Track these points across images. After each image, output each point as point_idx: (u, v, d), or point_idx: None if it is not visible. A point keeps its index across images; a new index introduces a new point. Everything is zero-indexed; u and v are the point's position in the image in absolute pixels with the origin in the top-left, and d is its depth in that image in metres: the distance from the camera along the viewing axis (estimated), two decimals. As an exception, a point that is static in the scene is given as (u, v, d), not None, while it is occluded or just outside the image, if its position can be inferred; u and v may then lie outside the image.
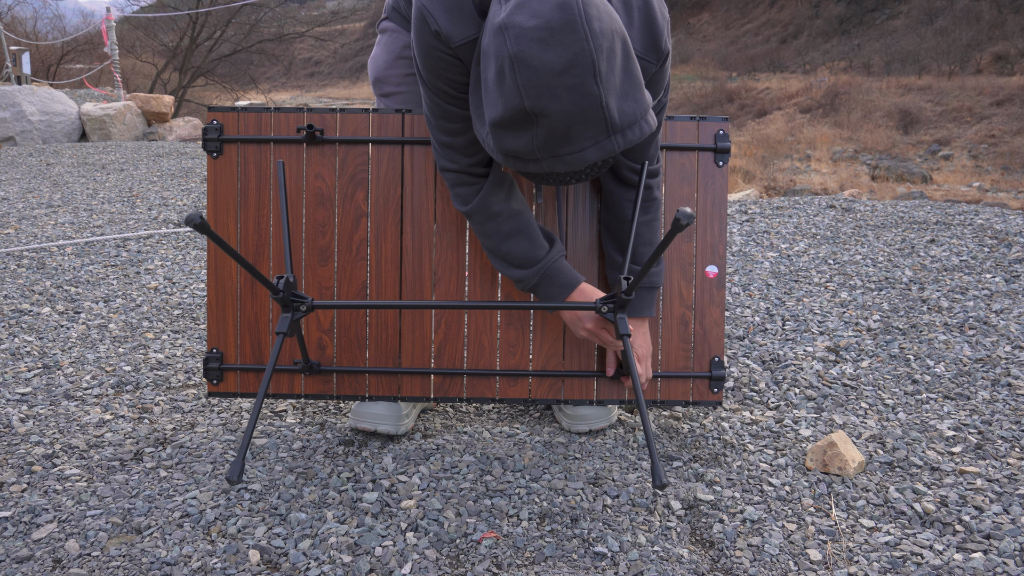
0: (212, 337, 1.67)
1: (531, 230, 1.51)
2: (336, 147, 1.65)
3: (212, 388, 1.68)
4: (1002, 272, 2.77)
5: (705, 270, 1.68)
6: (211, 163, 1.66)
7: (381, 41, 1.77)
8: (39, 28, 22.08)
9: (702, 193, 1.69)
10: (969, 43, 30.39)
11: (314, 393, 1.67)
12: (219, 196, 1.66)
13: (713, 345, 1.69)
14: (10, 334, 2.34)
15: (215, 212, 1.66)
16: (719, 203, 1.69)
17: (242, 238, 1.66)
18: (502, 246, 1.51)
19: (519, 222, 1.50)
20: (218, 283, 1.67)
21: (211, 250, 1.66)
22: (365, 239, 1.65)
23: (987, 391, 1.91)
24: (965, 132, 20.95)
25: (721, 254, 1.69)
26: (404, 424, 1.67)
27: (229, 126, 1.66)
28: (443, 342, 1.67)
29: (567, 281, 1.52)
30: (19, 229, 3.73)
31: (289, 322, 1.43)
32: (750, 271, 2.90)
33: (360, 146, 1.65)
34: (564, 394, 1.68)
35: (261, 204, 1.66)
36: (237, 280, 1.66)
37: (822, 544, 1.33)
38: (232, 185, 1.66)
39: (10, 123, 7.97)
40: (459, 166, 1.48)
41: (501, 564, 1.28)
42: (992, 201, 8.93)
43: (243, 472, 1.36)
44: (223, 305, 1.67)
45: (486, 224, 1.50)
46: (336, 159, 1.65)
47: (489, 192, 1.48)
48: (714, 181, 1.69)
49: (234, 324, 1.67)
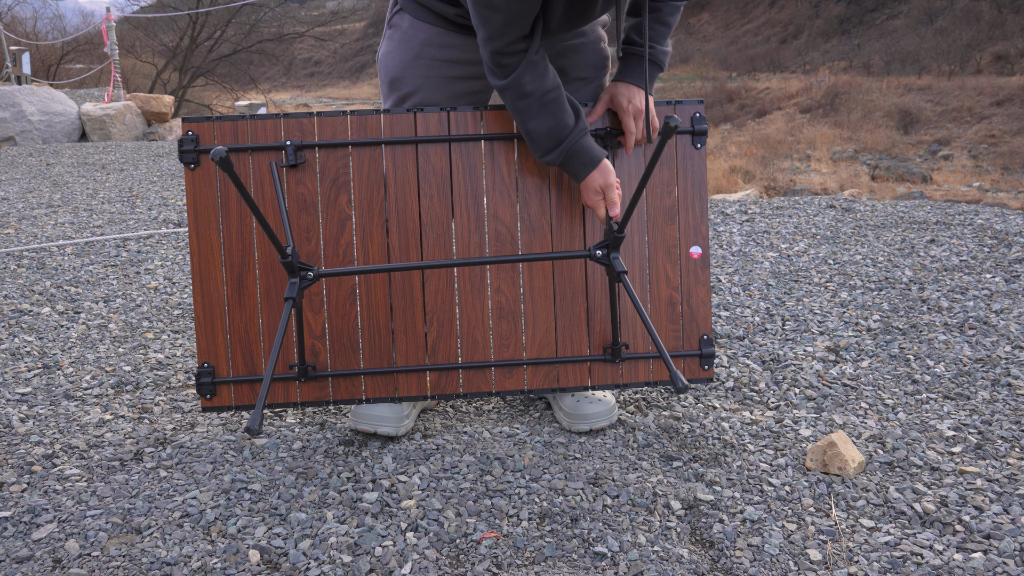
0: (202, 351, 1.65)
1: (559, 107, 1.55)
2: (316, 151, 1.63)
3: (206, 403, 1.66)
4: (1002, 272, 2.77)
5: (689, 251, 1.70)
6: (189, 175, 1.62)
7: (394, 37, 1.71)
8: (39, 28, 22.08)
9: (682, 175, 1.71)
10: (969, 43, 30.38)
11: (310, 400, 1.66)
12: (200, 208, 1.63)
13: (701, 324, 1.72)
14: (10, 334, 2.34)
15: (196, 224, 1.63)
16: (699, 184, 1.72)
17: (226, 249, 1.63)
18: (529, 124, 1.55)
19: (548, 100, 1.54)
20: (205, 296, 1.64)
21: (195, 263, 1.63)
22: (351, 242, 1.64)
23: (987, 391, 1.91)
24: (965, 132, 20.94)
25: (704, 235, 1.72)
26: (404, 425, 1.67)
27: (205, 136, 1.62)
28: (436, 340, 1.67)
29: (589, 159, 1.57)
30: (19, 229, 3.73)
31: (297, 288, 1.43)
32: (750, 271, 2.90)
33: (340, 149, 1.63)
34: (560, 382, 1.69)
35: (243, 213, 1.63)
36: (224, 292, 1.64)
37: (822, 544, 1.33)
38: (212, 196, 1.63)
39: (10, 123, 7.97)
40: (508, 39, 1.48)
41: (501, 564, 1.28)
42: (992, 201, 8.93)
43: (262, 423, 1.36)
44: (211, 318, 1.64)
45: (517, 102, 1.54)
46: (317, 163, 1.63)
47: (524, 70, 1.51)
48: (693, 163, 1.72)
49: (224, 336, 1.65)
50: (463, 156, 1.66)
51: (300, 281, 1.46)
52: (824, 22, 41.39)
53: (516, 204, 1.67)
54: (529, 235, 1.68)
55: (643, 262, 1.70)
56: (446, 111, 1.64)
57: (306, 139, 1.62)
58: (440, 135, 1.65)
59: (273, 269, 1.64)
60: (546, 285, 1.69)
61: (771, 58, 38.60)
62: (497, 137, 1.66)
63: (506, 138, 1.66)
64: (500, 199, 1.67)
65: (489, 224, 1.67)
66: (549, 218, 1.68)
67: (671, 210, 1.71)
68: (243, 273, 1.63)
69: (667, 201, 1.70)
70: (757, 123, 24.94)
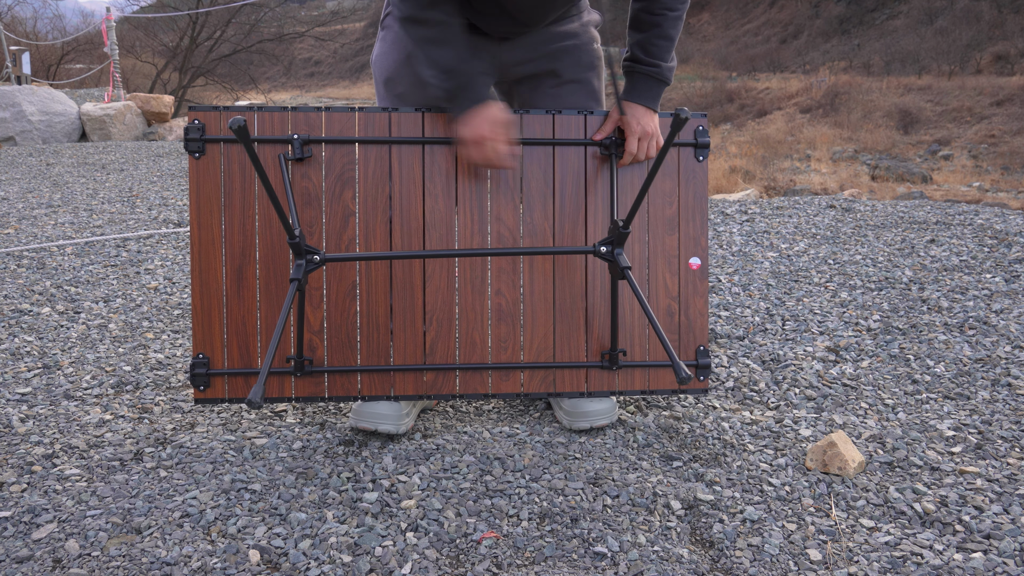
0: (198, 342, 1.64)
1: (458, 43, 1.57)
2: (323, 146, 1.63)
3: (199, 395, 1.64)
4: (1002, 272, 2.77)
5: (688, 262, 1.71)
6: (193, 163, 1.63)
7: (387, 38, 1.74)
8: (39, 28, 22.09)
9: (683, 187, 1.72)
10: (969, 43, 30.38)
11: (306, 396, 1.66)
12: (203, 197, 1.62)
13: (698, 334, 1.73)
14: (10, 334, 2.34)
15: (198, 213, 1.62)
16: (700, 197, 1.73)
17: (227, 239, 1.63)
18: (432, 52, 1.57)
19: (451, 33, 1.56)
20: (203, 287, 1.63)
21: (195, 252, 1.63)
22: (354, 238, 1.64)
23: (987, 391, 1.91)
24: (965, 132, 20.94)
25: (703, 246, 1.73)
26: (404, 423, 1.67)
27: (211, 126, 1.62)
28: (435, 340, 1.67)
29: (477, 96, 1.57)
30: (19, 229, 3.73)
31: (304, 270, 1.43)
32: (750, 271, 2.90)
33: (347, 145, 1.63)
34: (556, 387, 1.69)
35: (246, 204, 1.63)
36: (223, 283, 1.63)
37: (822, 544, 1.33)
38: (216, 186, 1.63)
39: (10, 123, 7.97)
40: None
41: (501, 564, 1.28)
42: (992, 201, 8.94)
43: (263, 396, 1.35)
44: (208, 309, 1.63)
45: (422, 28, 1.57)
46: (323, 158, 1.63)
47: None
48: (695, 175, 1.73)
49: (220, 328, 1.64)
50: None
51: (306, 264, 1.45)
52: (824, 22, 41.39)
53: (520, 207, 1.67)
54: (531, 239, 1.68)
55: (643, 271, 1.71)
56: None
57: (313, 134, 1.62)
58: (447, 136, 1.65)
59: (274, 262, 1.63)
60: (546, 289, 1.69)
61: (771, 58, 38.60)
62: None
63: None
64: (504, 202, 1.67)
65: (492, 226, 1.67)
66: (552, 223, 1.68)
67: (672, 220, 1.72)
68: (243, 265, 1.63)
69: (668, 211, 1.71)
70: (757, 123, 24.94)
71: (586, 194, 1.69)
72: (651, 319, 1.47)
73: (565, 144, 1.68)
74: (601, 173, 1.70)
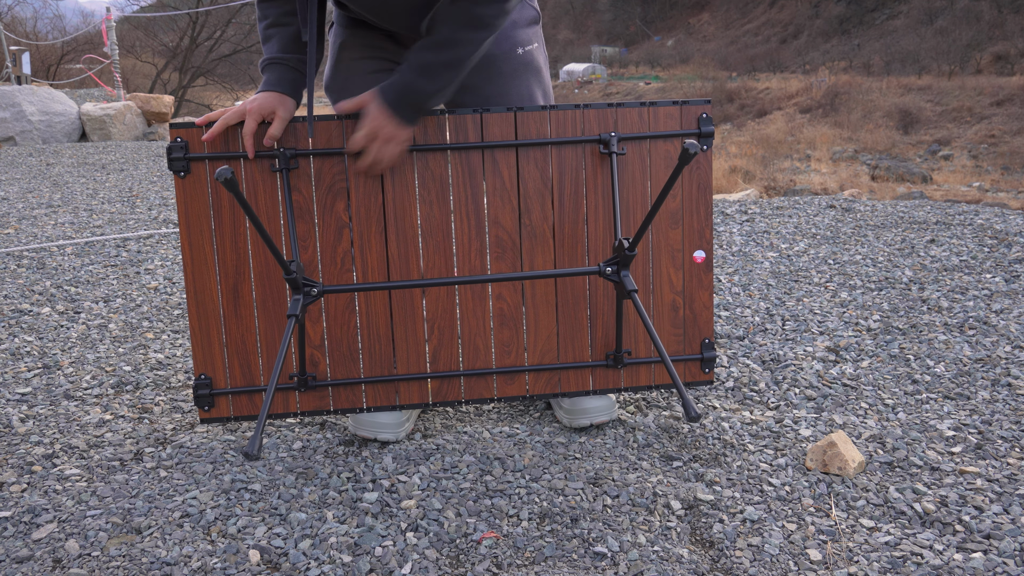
0: (199, 363, 1.62)
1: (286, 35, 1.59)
2: (311, 158, 1.59)
3: (204, 415, 1.64)
4: (1002, 272, 2.77)
5: (693, 255, 1.69)
6: (179, 183, 1.57)
7: (330, 53, 1.78)
8: (39, 28, 22.09)
9: (687, 178, 1.68)
10: (969, 43, 30.38)
11: (311, 410, 1.65)
12: (191, 216, 1.58)
13: (703, 328, 1.72)
14: (10, 334, 2.34)
15: (188, 234, 1.58)
16: (704, 188, 1.69)
17: (220, 258, 1.60)
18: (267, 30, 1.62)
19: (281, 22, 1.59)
20: (200, 307, 1.61)
21: (188, 273, 1.60)
22: (349, 250, 1.61)
23: (987, 391, 1.91)
24: (965, 132, 20.95)
25: (708, 239, 1.70)
26: (404, 429, 1.67)
27: (194, 142, 1.57)
28: (437, 348, 1.66)
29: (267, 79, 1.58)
30: (19, 229, 3.73)
31: (301, 305, 1.42)
32: (750, 271, 2.90)
33: (335, 155, 1.59)
34: (561, 387, 1.69)
35: (237, 222, 1.59)
36: (219, 303, 1.61)
37: (822, 544, 1.33)
38: (204, 205, 1.58)
39: (10, 123, 7.97)
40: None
41: (501, 564, 1.28)
42: (992, 201, 8.94)
43: (261, 448, 1.35)
44: (207, 329, 1.61)
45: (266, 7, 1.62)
46: (311, 170, 1.59)
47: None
48: (699, 166, 1.68)
49: (220, 348, 1.62)
50: (463, 161, 1.63)
51: (303, 298, 1.43)
52: (824, 22, 41.39)
53: (517, 210, 1.65)
54: (531, 241, 1.65)
55: (647, 266, 1.69)
56: (444, 114, 1.63)
57: (300, 145, 1.58)
58: (439, 142, 1.62)
59: (269, 278, 1.61)
60: (548, 291, 1.67)
61: (771, 58, 38.60)
62: (499, 145, 1.63)
63: (508, 144, 1.64)
64: (501, 205, 1.65)
65: (490, 230, 1.64)
66: (551, 224, 1.66)
67: (676, 213, 1.68)
68: (238, 283, 1.60)
69: (672, 204, 1.68)
70: (757, 123, 24.94)
71: (585, 192, 1.67)
72: (656, 345, 1.46)
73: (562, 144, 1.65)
74: (600, 170, 1.67)
